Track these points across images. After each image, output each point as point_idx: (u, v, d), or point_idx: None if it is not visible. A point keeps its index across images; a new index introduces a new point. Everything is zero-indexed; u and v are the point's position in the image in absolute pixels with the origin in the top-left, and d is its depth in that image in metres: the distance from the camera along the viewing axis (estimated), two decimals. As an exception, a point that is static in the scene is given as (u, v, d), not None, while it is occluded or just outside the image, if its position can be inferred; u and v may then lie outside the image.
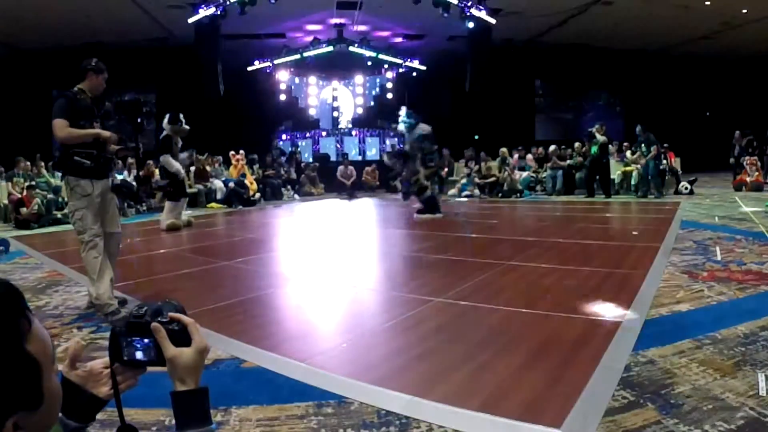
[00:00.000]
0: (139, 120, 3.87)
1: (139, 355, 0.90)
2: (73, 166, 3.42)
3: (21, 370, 0.62)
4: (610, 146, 11.71)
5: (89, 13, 12.50)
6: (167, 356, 0.87)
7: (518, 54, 17.28)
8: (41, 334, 0.67)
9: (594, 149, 10.89)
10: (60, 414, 0.86)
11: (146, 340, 0.89)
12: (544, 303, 3.24)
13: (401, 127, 8.61)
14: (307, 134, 17.34)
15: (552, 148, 12.96)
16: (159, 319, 0.89)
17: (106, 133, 3.51)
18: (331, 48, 15.55)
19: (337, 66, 17.14)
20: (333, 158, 16.29)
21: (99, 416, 0.95)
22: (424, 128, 8.49)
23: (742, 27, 14.91)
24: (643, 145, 10.67)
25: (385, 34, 16.63)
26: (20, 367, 0.62)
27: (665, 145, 11.88)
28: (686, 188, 10.80)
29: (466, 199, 12.14)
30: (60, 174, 3.99)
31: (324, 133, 17.45)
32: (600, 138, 10.79)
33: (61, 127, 3.34)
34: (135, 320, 0.89)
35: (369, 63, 17.12)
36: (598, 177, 11.13)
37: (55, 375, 0.70)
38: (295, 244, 6.71)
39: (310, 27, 15.56)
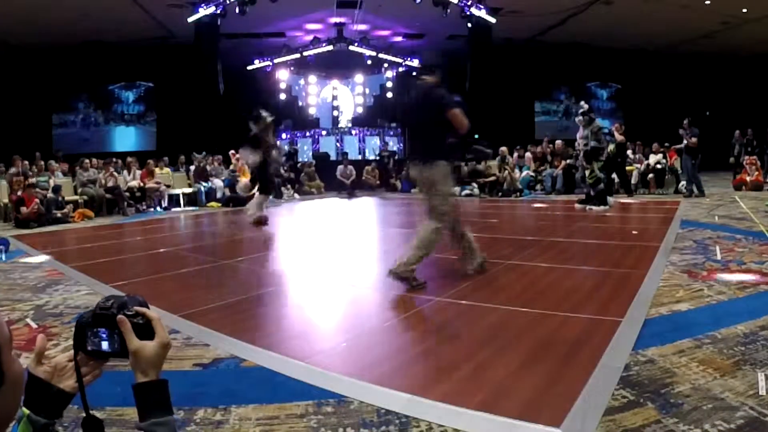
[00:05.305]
0: None
1: (104, 345, 0.92)
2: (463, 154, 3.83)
3: None
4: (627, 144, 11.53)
5: (88, 11, 12.48)
6: (131, 348, 0.88)
7: (518, 53, 17.26)
8: None
9: (611, 148, 10.64)
10: (29, 411, 0.87)
11: (111, 332, 0.91)
12: (543, 302, 3.24)
13: (579, 119, 8.90)
14: (307, 133, 17.33)
15: (558, 143, 12.84)
16: (125, 311, 0.91)
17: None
18: (331, 47, 15.53)
19: (337, 65, 17.11)
20: (333, 157, 16.28)
21: (72, 413, 0.94)
22: (599, 123, 8.91)
23: (742, 27, 14.90)
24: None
25: (385, 33, 16.62)
26: None
27: (666, 144, 11.85)
28: (686, 188, 10.78)
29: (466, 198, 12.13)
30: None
31: (324, 132, 17.43)
32: (618, 137, 10.60)
33: (463, 116, 3.62)
34: (102, 312, 0.91)
35: (369, 62, 17.11)
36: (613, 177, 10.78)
37: (15, 358, 0.71)
38: (295, 244, 6.70)
39: (310, 26, 15.55)
